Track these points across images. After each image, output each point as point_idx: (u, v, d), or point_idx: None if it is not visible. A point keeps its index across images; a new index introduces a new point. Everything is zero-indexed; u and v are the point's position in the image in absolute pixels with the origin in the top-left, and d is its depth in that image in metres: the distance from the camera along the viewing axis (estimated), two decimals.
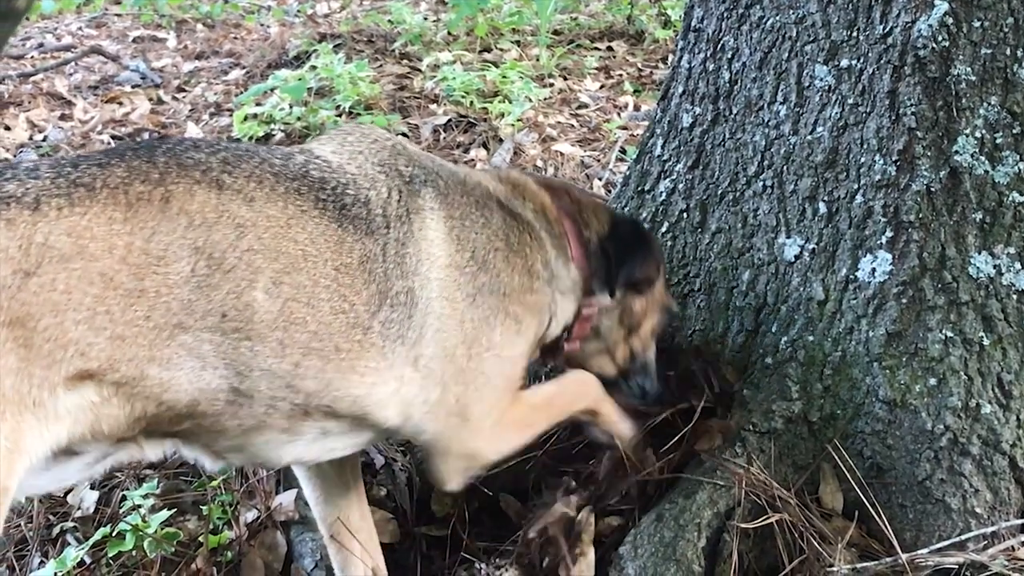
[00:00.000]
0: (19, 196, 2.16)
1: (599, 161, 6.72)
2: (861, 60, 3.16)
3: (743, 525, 2.95)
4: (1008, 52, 2.98)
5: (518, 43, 9.34)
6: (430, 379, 2.63)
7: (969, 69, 3.00)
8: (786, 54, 3.34)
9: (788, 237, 3.31)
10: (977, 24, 2.99)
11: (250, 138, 6.90)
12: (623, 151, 6.71)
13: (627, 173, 4.05)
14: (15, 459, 2.14)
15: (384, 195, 2.66)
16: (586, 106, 7.88)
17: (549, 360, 3.31)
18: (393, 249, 2.59)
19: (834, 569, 2.83)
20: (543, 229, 3.02)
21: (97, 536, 3.34)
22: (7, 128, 7.63)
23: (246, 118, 7.25)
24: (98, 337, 2.18)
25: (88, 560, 3.31)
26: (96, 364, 2.19)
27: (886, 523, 2.96)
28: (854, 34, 3.17)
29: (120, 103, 8.35)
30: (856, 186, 3.16)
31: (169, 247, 2.26)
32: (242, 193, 2.40)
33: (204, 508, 3.46)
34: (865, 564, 2.87)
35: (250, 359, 2.35)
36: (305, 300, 2.41)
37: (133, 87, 8.82)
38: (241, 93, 8.14)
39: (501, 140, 6.91)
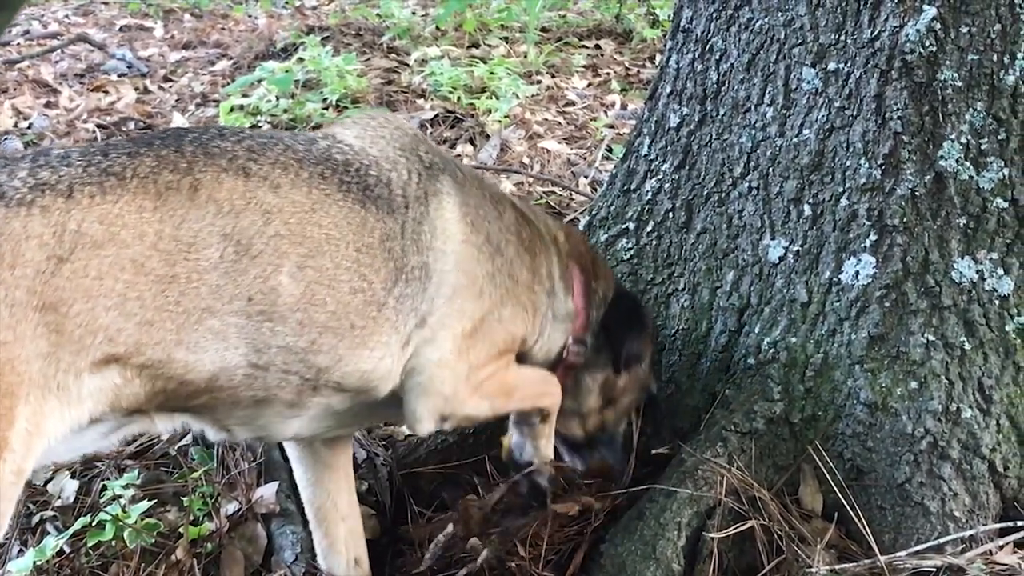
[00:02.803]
0: (53, 183, 2.20)
1: (585, 159, 6.72)
2: (848, 64, 3.17)
3: (720, 533, 2.95)
4: (994, 58, 2.99)
5: (506, 39, 9.33)
6: (444, 331, 2.71)
7: (955, 75, 3.01)
8: (774, 56, 3.35)
9: (773, 239, 3.32)
10: (964, 30, 3.00)
11: None
12: (610, 149, 6.71)
13: (613, 172, 4.06)
14: (34, 442, 2.17)
15: (404, 176, 2.74)
16: (573, 104, 7.87)
17: None
18: (411, 228, 2.67)
19: (813, 570, 2.84)
20: (552, 250, 3.11)
21: (77, 526, 3.32)
22: None
23: (232, 109, 7.23)
24: (128, 323, 2.22)
25: (67, 549, 3.29)
26: (123, 349, 2.23)
27: (865, 525, 2.98)
28: (842, 38, 3.18)
29: (106, 92, 8.31)
30: (841, 189, 3.17)
31: (199, 234, 2.31)
32: (268, 180, 2.46)
33: (185, 499, 3.45)
34: (843, 565, 2.89)
35: (270, 338, 2.40)
36: (327, 283, 2.47)
37: (119, 76, 8.77)
38: (228, 84, 8.11)
39: (488, 136, 6.90)
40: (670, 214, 3.64)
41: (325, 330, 2.47)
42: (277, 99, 7.36)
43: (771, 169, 3.34)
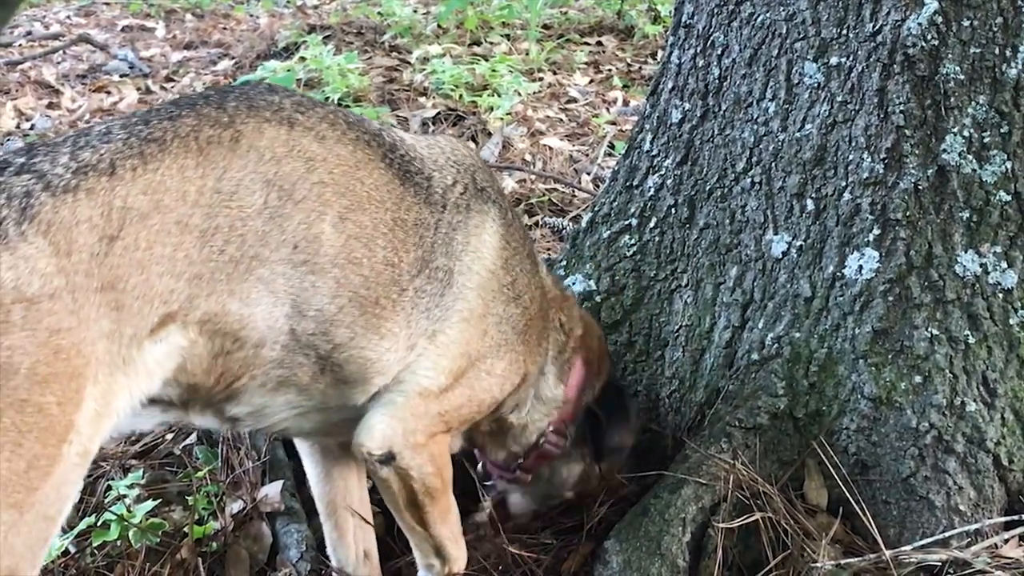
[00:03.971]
0: (95, 163, 2.21)
1: (587, 156, 6.72)
2: (850, 58, 3.17)
3: (725, 525, 2.95)
4: (997, 51, 2.99)
5: (508, 37, 9.34)
6: (444, 358, 2.69)
7: (958, 68, 3.01)
8: (776, 51, 3.35)
9: (776, 234, 3.31)
10: (966, 23, 2.99)
11: None
12: (612, 146, 6.70)
13: (615, 168, 4.05)
14: (103, 422, 2.21)
15: (448, 182, 2.75)
16: (575, 101, 7.87)
17: (495, 475, 3.33)
18: (444, 229, 2.68)
19: (818, 565, 2.84)
20: (553, 339, 3.11)
21: (82, 526, 3.32)
22: None
23: None
24: (178, 281, 2.24)
25: (73, 549, 3.30)
26: (176, 306, 2.24)
27: (870, 520, 2.97)
28: (844, 32, 3.18)
29: (108, 92, 8.32)
30: (844, 183, 3.17)
31: (241, 182, 2.33)
32: (314, 131, 2.48)
33: (189, 499, 3.45)
34: (849, 560, 2.88)
35: (311, 296, 2.41)
36: (365, 241, 2.49)
37: (121, 76, 8.79)
38: (230, 83, 8.11)
39: (490, 134, 6.91)
40: (672, 210, 3.63)
41: (354, 298, 2.48)
42: None
43: (773, 164, 3.34)
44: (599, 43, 9.41)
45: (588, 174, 6.40)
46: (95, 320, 2.13)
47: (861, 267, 3.11)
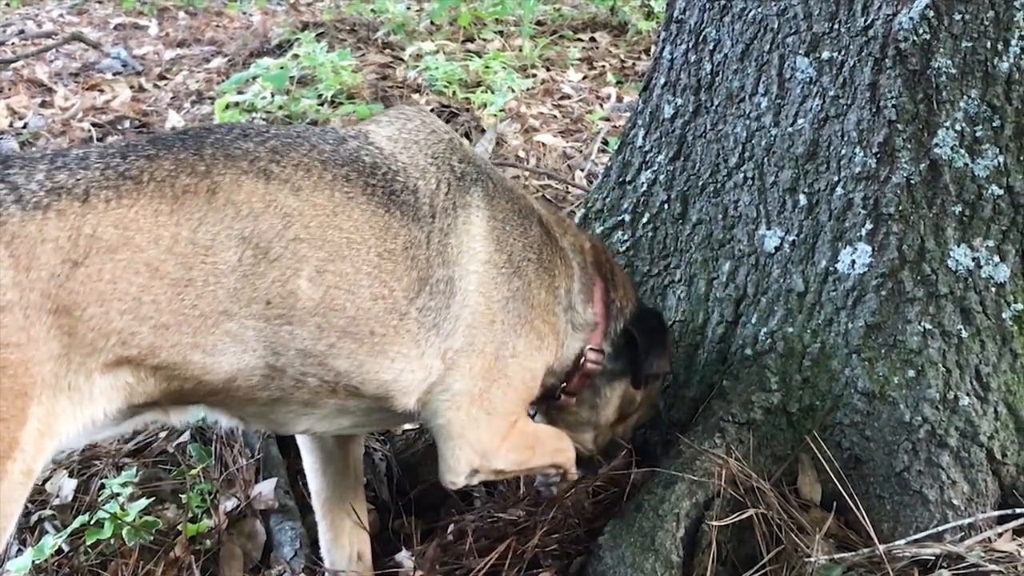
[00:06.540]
0: (70, 187, 2.20)
1: (581, 152, 6.72)
2: (842, 52, 3.17)
3: (719, 523, 2.95)
4: (988, 45, 2.99)
5: (501, 33, 9.34)
6: (455, 370, 2.67)
7: (950, 62, 3.01)
8: (768, 46, 3.35)
9: (768, 229, 3.31)
10: (958, 17, 2.99)
11: None
12: (605, 142, 6.70)
13: (609, 164, 4.05)
14: (45, 442, 2.18)
15: (433, 186, 2.70)
16: (569, 97, 7.87)
17: (540, 406, 3.27)
18: (437, 238, 2.64)
19: (811, 559, 2.83)
20: (575, 261, 3.05)
21: (75, 524, 3.32)
22: None
23: (228, 106, 7.23)
24: (143, 326, 2.22)
25: (66, 548, 3.29)
26: (136, 351, 2.23)
27: (864, 514, 2.97)
28: (835, 26, 3.18)
29: (101, 90, 8.31)
30: (836, 178, 3.17)
31: (216, 237, 2.30)
32: (289, 182, 2.44)
33: (183, 497, 3.45)
34: (842, 555, 2.88)
35: (288, 341, 2.40)
36: (346, 287, 2.46)
37: (114, 74, 8.78)
38: (223, 81, 8.11)
39: (484, 130, 6.90)
40: (665, 205, 3.63)
41: (344, 335, 2.46)
42: (272, 95, 7.35)
43: (766, 159, 3.34)
44: (592, 39, 9.42)
45: (582, 170, 6.40)
46: (44, 341, 2.11)
47: (854, 262, 3.12)
